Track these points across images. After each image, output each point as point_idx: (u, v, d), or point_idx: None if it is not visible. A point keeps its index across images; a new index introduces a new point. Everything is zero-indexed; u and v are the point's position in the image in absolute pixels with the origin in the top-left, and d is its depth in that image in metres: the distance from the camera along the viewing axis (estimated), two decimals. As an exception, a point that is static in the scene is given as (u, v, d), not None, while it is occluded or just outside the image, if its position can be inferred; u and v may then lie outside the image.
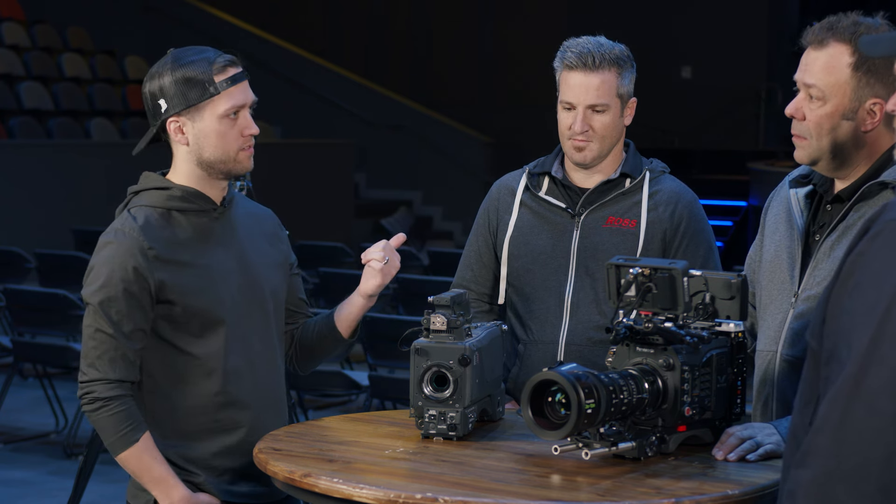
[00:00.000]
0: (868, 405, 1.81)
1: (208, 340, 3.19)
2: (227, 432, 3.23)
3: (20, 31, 15.92)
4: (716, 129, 17.79)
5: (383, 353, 7.35)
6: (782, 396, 3.13)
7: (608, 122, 3.63)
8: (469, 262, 3.82)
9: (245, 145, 3.22)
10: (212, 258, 3.22)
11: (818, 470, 1.84)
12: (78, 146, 14.03)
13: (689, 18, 17.72)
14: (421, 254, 11.62)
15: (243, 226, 3.32)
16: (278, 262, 3.37)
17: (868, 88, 3.00)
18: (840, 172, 3.09)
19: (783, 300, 3.15)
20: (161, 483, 3.15)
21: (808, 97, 3.05)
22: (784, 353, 3.13)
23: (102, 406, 3.14)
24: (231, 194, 3.32)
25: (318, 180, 15.36)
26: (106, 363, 3.14)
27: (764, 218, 3.30)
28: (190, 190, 3.23)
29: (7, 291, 8.38)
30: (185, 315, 3.17)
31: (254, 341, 3.26)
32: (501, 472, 2.84)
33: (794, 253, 3.15)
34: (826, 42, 3.02)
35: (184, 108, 3.18)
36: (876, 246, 1.90)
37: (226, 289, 3.22)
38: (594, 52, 3.60)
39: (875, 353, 1.82)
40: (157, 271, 3.14)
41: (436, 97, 18.38)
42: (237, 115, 3.20)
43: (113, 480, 6.83)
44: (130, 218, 3.19)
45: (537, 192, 3.72)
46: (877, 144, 3.06)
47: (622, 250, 3.57)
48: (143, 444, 3.14)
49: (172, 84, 3.18)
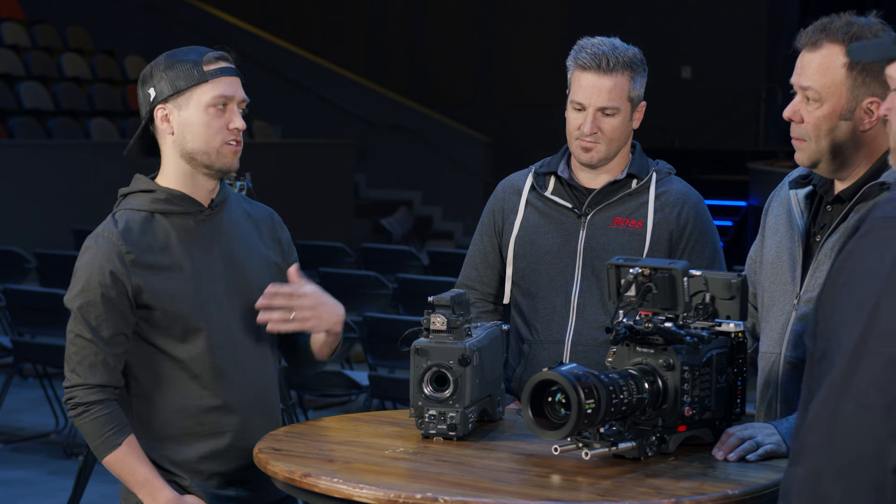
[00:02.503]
0: (857, 402, 1.81)
1: (192, 344, 3.17)
2: (214, 436, 3.21)
3: (20, 31, 15.92)
4: (716, 129, 17.79)
5: (383, 353, 7.34)
6: (786, 398, 3.13)
7: (617, 125, 3.62)
8: (474, 261, 3.81)
9: (230, 139, 3.19)
10: (194, 261, 3.20)
11: (810, 468, 1.84)
12: (78, 146, 14.03)
13: (689, 18, 17.72)
14: (421, 254, 11.61)
15: (235, 227, 3.29)
16: (274, 262, 3.34)
17: (864, 88, 3.01)
18: (840, 173, 3.09)
19: (785, 302, 3.15)
20: (146, 486, 3.15)
21: (804, 99, 3.05)
22: (788, 355, 3.13)
23: (84, 411, 3.14)
24: (223, 196, 3.29)
25: (318, 180, 15.35)
26: (86, 368, 3.14)
27: (764, 219, 3.30)
28: (175, 192, 3.21)
29: (7, 291, 8.38)
30: (165, 319, 3.16)
31: (242, 344, 3.23)
32: (501, 472, 2.84)
33: (795, 254, 3.15)
34: (820, 43, 3.02)
35: (171, 93, 3.17)
36: (865, 243, 1.90)
37: (209, 292, 3.19)
38: (608, 55, 3.58)
39: (863, 349, 1.82)
40: (134, 276, 3.13)
41: (436, 97, 18.38)
42: (225, 107, 3.18)
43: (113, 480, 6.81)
44: (112, 222, 3.18)
45: (543, 192, 3.71)
46: (875, 143, 3.06)
47: (628, 251, 3.57)
48: (126, 447, 3.14)
49: (162, 73, 3.19)
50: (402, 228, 16.61)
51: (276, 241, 3.38)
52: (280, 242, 3.39)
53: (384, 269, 9.77)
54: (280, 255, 3.37)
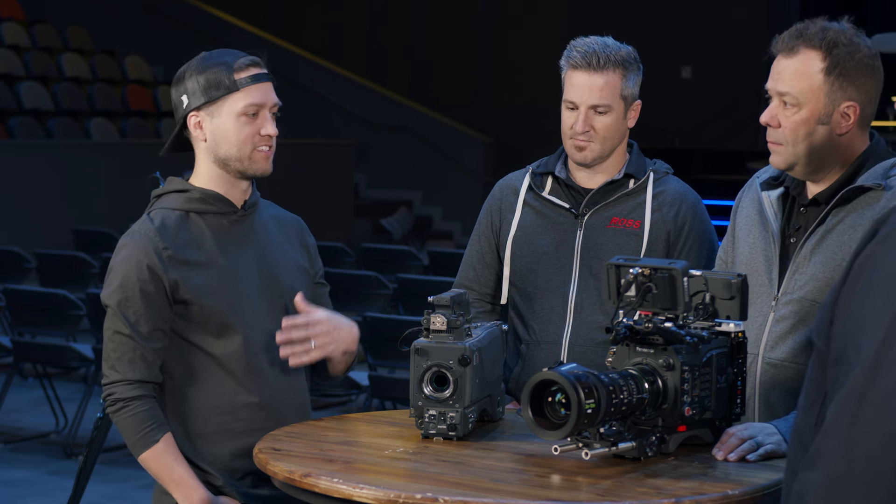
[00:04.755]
0: (878, 408, 1.81)
1: (227, 340, 3.20)
2: (247, 434, 3.22)
3: (20, 31, 15.92)
4: (716, 129, 17.79)
5: (383, 353, 7.35)
6: (765, 400, 3.15)
7: (610, 124, 3.62)
8: (471, 261, 3.81)
9: (261, 145, 3.24)
10: (229, 260, 3.23)
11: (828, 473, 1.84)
12: (78, 146, 14.03)
13: (689, 18, 17.72)
14: (421, 254, 11.61)
15: (267, 229, 3.33)
16: (302, 266, 3.37)
17: (841, 92, 3.04)
18: (815, 176, 3.13)
19: (762, 303, 3.17)
20: (181, 485, 3.15)
21: (782, 104, 3.08)
22: (766, 357, 3.15)
23: (123, 407, 3.15)
24: (255, 198, 3.33)
25: (318, 180, 15.36)
26: (125, 364, 3.15)
27: (734, 218, 3.33)
28: (209, 192, 3.25)
29: (7, 291, 8.38)
30: (202, 315, 3.18)
31: (275, 343, 3.23)
32: (501, 472, 2.84)
33: (770, 256, 3.17)
34: (796, 49, 3.05)
35: (203, 103, 3.21)
36: (884, 249, 1.90)
37: (244, 290, 3.23)
38: (599, 53, 3.59)
39: (885, 355, 1.82)
40: (171, 271, 3.16)
41: (436, 97, 18.38)
42: (256, 115, 3.22)
43: (113, 480, 6.83)
44: (148, 220, 3.22)
45: (541, 192, 3.71)
46: (851, 147, 3.10)
47: (626, 251, 3.57)
48: (163, 444, 3.15)
49: (195, 82, 3.22)
50: (402, 228, 16.61)
51: (304, 246, 3.42)
52: (307, 248, 3.43)
53: (384, 269, 9.78)
54: (308, 260, 3.41)
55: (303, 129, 17.43)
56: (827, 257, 3.07)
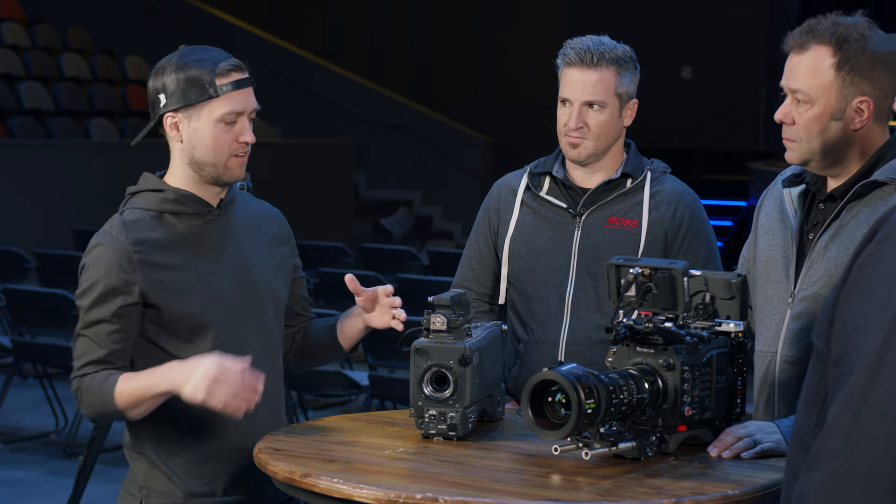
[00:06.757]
0: (879, 408, 1.81)
1: (197, 345, 3.14)
2: (219, 437, 3.19)
3: (20, 31, 15.92)
4: (716, 129, 17.79)
5: (383, 353, 7.35)
6: (784, 397, 3.13)
7: (604, 121, 3.62)
8: (469, 261, 3.82)
9: (238, 152, 3.17)
10: (203, 261, 3.18)
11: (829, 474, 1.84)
12: (78, 146, 14.03)
13: (689, 18, 17.72)
14: (421, 254, 11.61)
15: (243, 227, 3.28)
16: (280, 263, 3.33)
17: (853, 87, 3.02)
18: (832, 171, 3.11)
19: (780, 300, 3.16)
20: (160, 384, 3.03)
21: (795, 101, 3.07)
22: (784, 355, 3.13)
23: (80, 383, 3.09)
24: (231, 195, 3.28)
25: (318, 180, 15.36)
26: (87, 360, 3.11)
27: (756, 217, 3.31)
28: (184, 193, 3.20)
29: (7, 291, 8.38)
30: (171, 320, 3.13)
31: (249, 345, 3.20)
32: (501, 472, 2.84)
33: (788, 252, 3.16)
34: (807, 45, 3.04)
35: (181, 105, 3.15)
36: (884, 249, 1.90)
37: (218, 292, 3.18)
38: (593, 50, 3.60)
39: (886, 356, 1.82)
40: (141, 274, 3.10)
41: (436, 97, 18.38)
42: (235, 122, 3.16)
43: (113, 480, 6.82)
44: (120, 220, 3.16)
45: (538, 192, 3.71)
46: (868, 141, 3.08)
47: (623, 250, 3.57)
48: (123, 377, 3.05)
49: (174, 80, 3.15)
50: (402, 228, 16.61)
51: (283, 242, 3.37)
52: (287, 244, 3.38)
53: (384, 269, 9.77)
54: (285, 255, 3.36)
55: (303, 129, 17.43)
56: (840, 252, 3.04)
